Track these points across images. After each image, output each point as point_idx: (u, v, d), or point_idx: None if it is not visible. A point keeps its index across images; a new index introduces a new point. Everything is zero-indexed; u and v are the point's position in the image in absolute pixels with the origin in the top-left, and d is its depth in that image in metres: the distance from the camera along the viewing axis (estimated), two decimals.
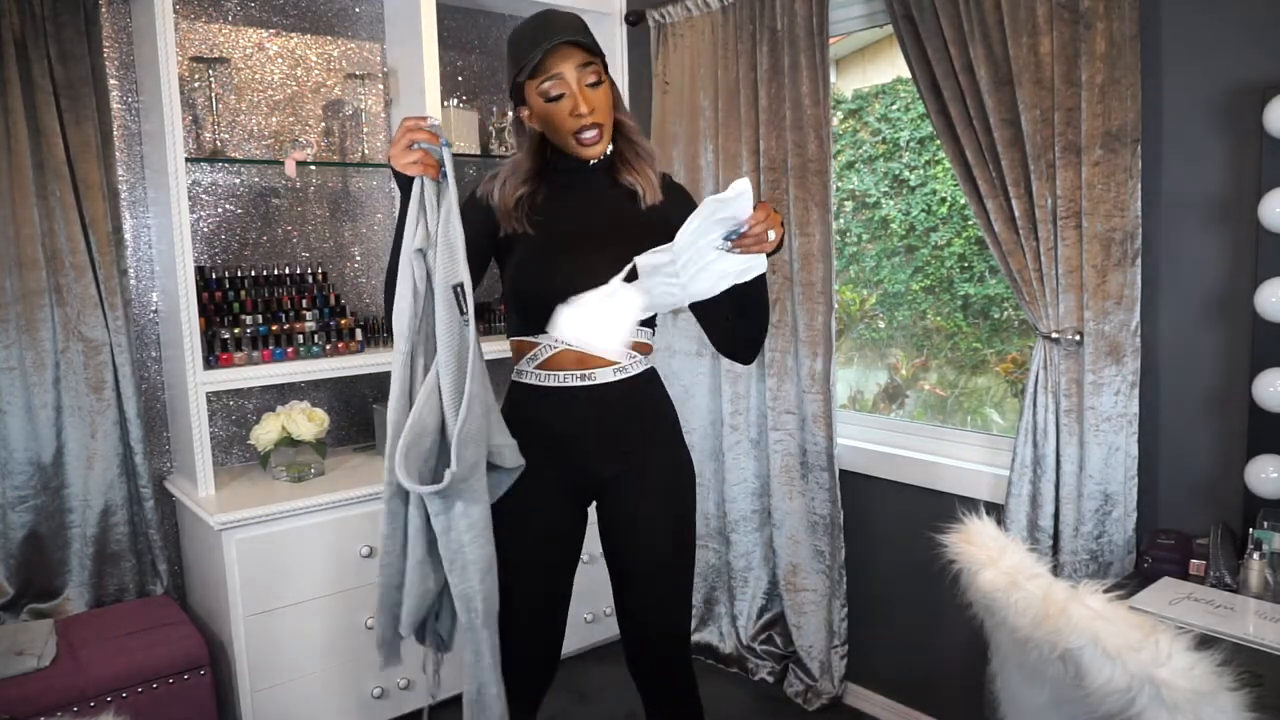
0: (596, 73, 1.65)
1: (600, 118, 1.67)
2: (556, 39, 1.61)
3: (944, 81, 2.13)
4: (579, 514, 1.84)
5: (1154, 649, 1.10)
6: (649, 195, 1.74)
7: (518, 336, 1.77)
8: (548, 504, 1.77)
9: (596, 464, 1.76)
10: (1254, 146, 1.77)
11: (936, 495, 2.41)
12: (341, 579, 2.46)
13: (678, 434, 1.85)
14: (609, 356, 1.67)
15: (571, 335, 1.51)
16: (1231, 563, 1.74)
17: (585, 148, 1.68)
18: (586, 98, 1.64)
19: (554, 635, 1.86)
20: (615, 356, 1.70)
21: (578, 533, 1.85)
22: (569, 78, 1.63)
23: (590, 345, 1.58)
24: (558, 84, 1.63)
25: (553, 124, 1.67)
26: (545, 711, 1.95)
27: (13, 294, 2.34)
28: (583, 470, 1.76)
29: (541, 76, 1.63)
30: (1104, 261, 1.93)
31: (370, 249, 2.98)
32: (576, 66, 1.63)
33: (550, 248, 1.70)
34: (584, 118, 1.64)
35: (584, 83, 1.63)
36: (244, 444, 2.77)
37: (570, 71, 1.62)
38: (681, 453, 1.84)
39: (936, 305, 2.73)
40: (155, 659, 2.20)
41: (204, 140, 2.63)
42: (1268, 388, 1.72)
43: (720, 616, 2.97)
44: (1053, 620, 1.17)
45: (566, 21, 1.65)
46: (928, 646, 2.52)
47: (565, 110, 1.64)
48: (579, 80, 1.63)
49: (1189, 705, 1.06)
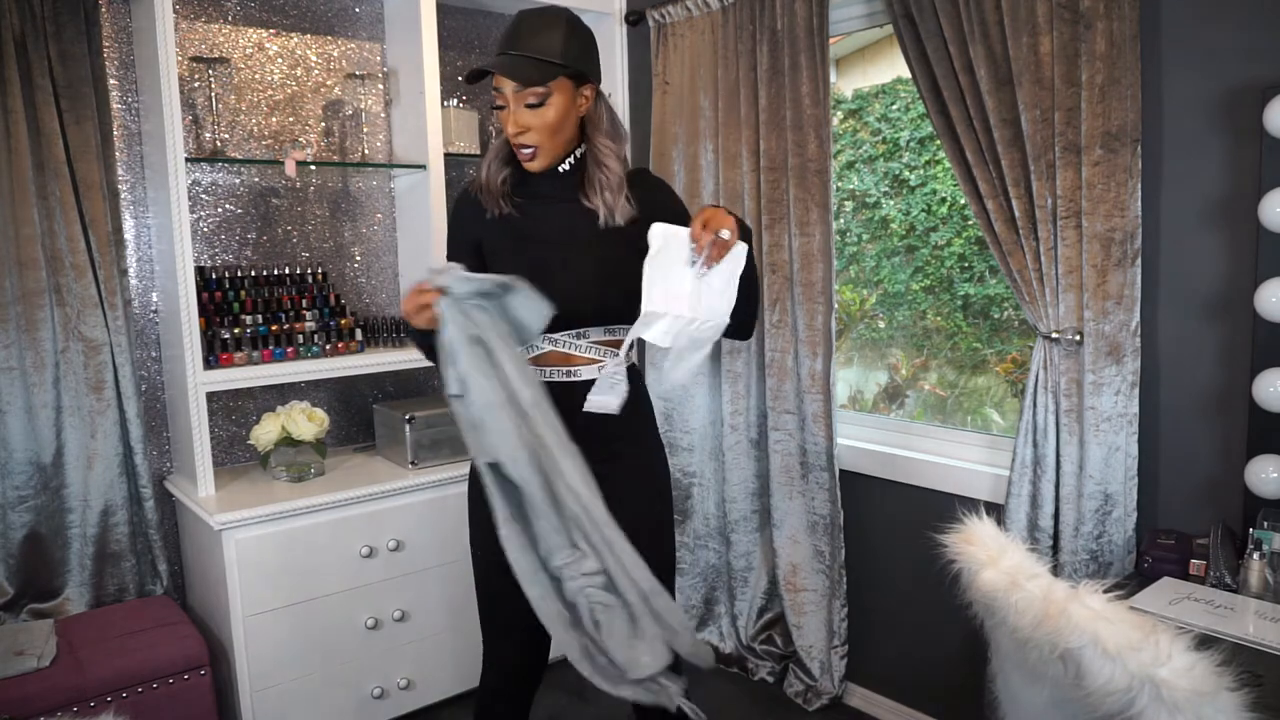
0: (537, 95, 1.65)
1: (533, 139, 1.68)
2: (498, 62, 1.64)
3: (944, 81, 2.13)
4: None
5: (1154, 649, 1.10)
6: (606, 220, 1.74)
7: None
8: None
9: None
10: (1254, 146, 1.77)
11: (936, 495, 2.41)
12: (341, 579, 2.46)
13: (655, 429, 1.89)
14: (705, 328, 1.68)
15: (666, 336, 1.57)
16: (1231, 563, 1.74)
17: (522, 160, 1.72)
18: (518, 119, 1.66)
19: (542, 634, 1.87)
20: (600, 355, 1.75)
21: None
22: (507, 94, 1.66)
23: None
24: (500, 96, 1.68)
25: None
26: (545, 711, 1.95)
27: (13, 294, 2.34)
28: None
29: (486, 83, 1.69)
30: (1104, 261, 1.93)
31: (370, 249, 2.98)
32: (514, 89, 1.65)
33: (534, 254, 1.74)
34: (514, 137, 1.68)
35: (521, 103, 1.66)
36: (244, 444, 2.77)
37: (509, 91, 1.66)
38: (658, 446, 1.89)
39: (936, 305, 2.73)
40: (155, 659, 2.20)
41: (204, 140, 2.63)
42: (1268, 388, 1.72)
43: (720, 616, 2.97)
44: (1053, 620, 1.17)
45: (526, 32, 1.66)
46: (928, 646, 2.52)
47: (505, 120, 1.69)
48: (516, 101, 1.66)
49: (1189, 705, 1.06)
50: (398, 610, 2.55)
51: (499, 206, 1.76)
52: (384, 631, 2.54)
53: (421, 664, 2.62)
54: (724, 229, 1.51)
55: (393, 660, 2.56)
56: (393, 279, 3.03)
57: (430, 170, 2.71)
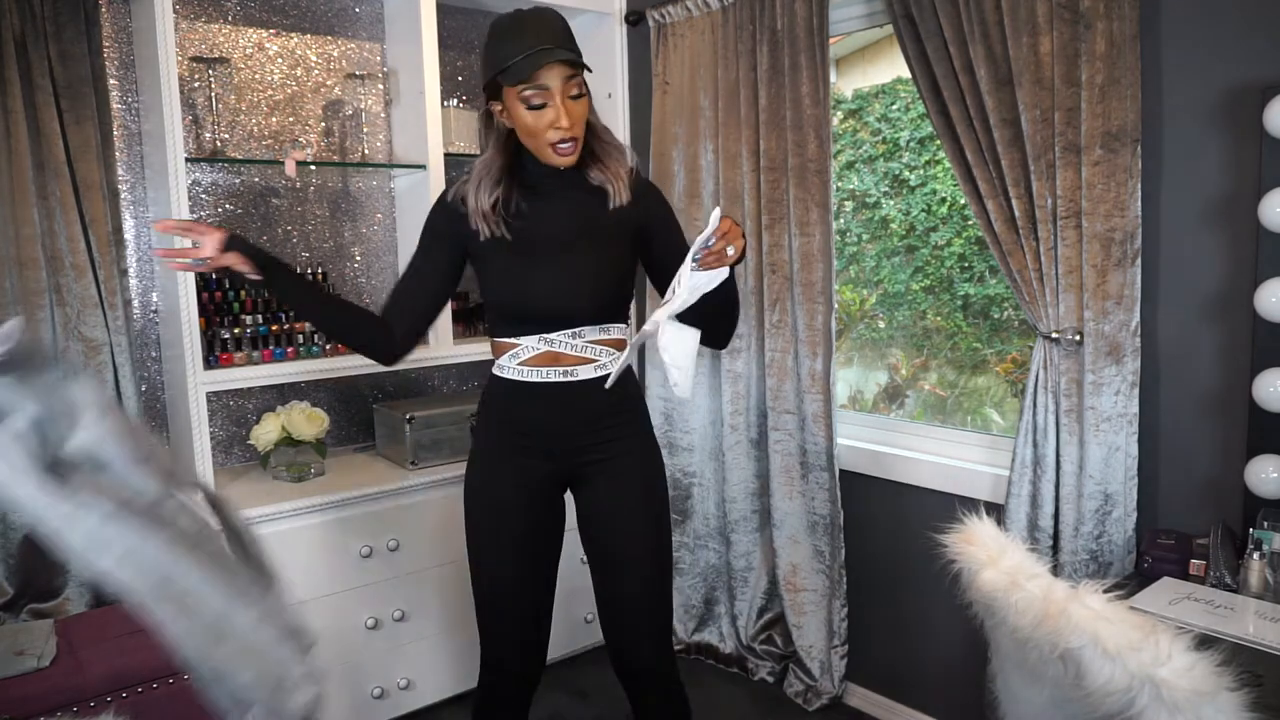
0: (579, 85, 1.65)
1: (578, 130, 1.68)
2: (546, 53, 1.59)
3: (944, 81, 2.13)
4: (559, 505, 1.87)
5: (1154, 649, 1.10)
6: (617, 195, 1.75)
7: (499, 338, 1.81)
8: (528, 496, 1.80)
9: (578, 452, 1.80)
10: (1254, 146, 1.77)
11: (936, 495, 2.41)
12: (341, 579, 2.46)
13: (649, 423, 1.90)
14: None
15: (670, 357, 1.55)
16: (1231, 563, 1.74)
17: (561, 157, 1.69)
18: (569, 111, 1.64)
19: (541, 634, 1.87)
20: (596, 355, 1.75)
21: (559, 524, 1.88)
22: (555, 89, 1.62)
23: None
24: (542, 94, 1.63)
25: (529, 130, 1.67)
26: (545, 711, 1.95)
27: (13, 294, 2.34)
28: (565, 459, 1.80)
29: (527, 84, 1.62)
30: (1104, 261, 1.93)
31: (370, 249, 2.98)
32: (563, 79, 1.62)
33: (527, 256, 1.73)
34: (564, 131, 1.65)
35: (567, 95, 1.64)
36: (244, 444, 2.77)
37: (557, 84, 1.62)
38: (653, 439, 1.90)
39: (936, 305, 2.73)
40: (155, 659, 2.20)
41: (204, 140, 2.63)
42: (1268, 388, 1.72)
43: (720, 616, 2.97)
44: (1053, 620, 1.17)
45: (556, 27, 1.64)
46: (928, 646, 2.52)
47: (546, 121, 1.64)
48: (564, 93, 1.63)
49: (1189, 705, 1.06)
50: (397, 610, 2.55)
51: (493, 230, 1.73)
52: (384, 631, 2.54)
53: (421, 664, 2.62)
54: (733, 247, 1.51)
55: (392, 660, 2.56)
56: (393, 279, 3.03)
57: (430, 170, 2.71)
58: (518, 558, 1.81)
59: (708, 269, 1.55)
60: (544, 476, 1.81)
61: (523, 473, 1.80)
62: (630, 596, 1.82)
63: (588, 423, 1.78)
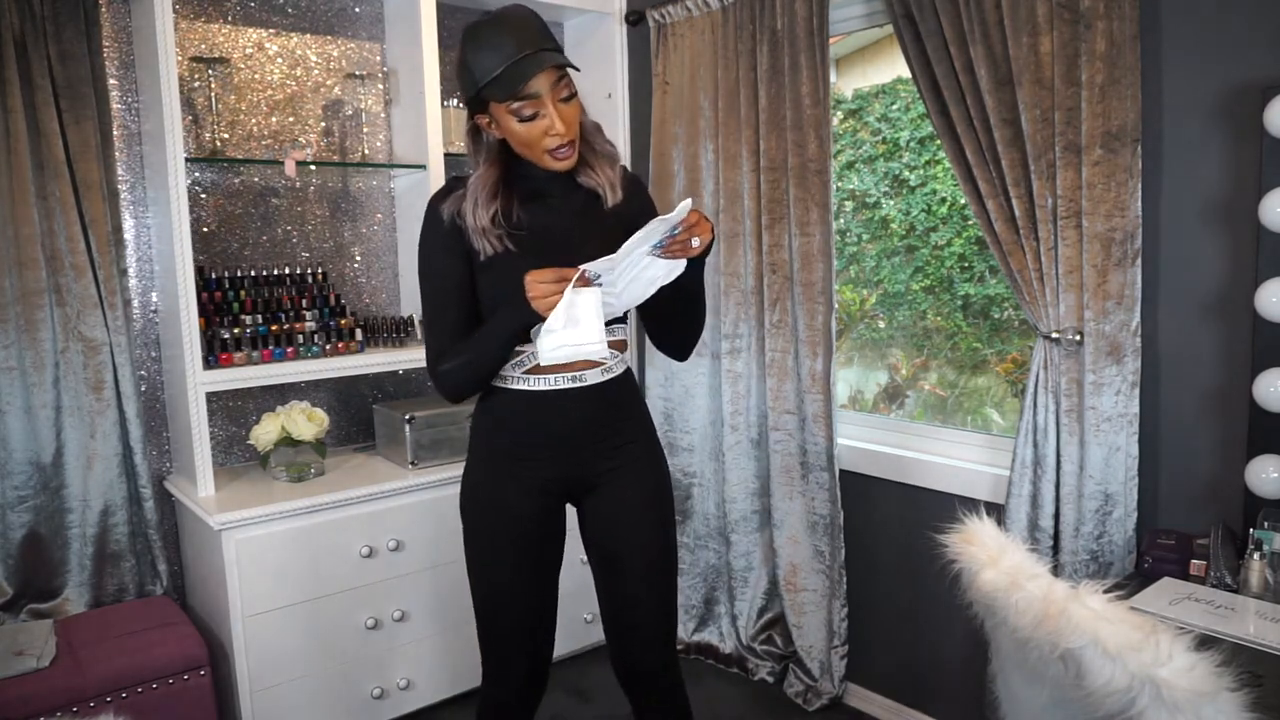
0: (569, 85, 1.60)
1: (574, 133, 1.63)
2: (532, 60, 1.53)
3: (944, 81, 2.13)
4: (561, 514, 1.84)
5: (1154, 649, 1.09)
6: (610, 196, 1.72)
7: None
8: (534, 504, 1.77)
9: (590, 460, 1.77)
10: (1254, 146, 1.77)
11: (936, 495, 2.41)
12: (342, 579, 2.46)
13: (653, 425, 1.89)
14: (595, 357, 1.62)
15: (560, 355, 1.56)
16: (1232, 563, 1.74)
17: (559, 162, 1.64)
18: (563, 115, 1.59)
19: (545, 646, 1.86)
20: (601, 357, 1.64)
21: (561, 533, 1.86)
22: (545, 96, 1.56)
23: (580, 352, 1.58)
24: (533, 104, 1.57)
25: (524, 142, 1.62)
26: (546, 711, 1.94)
27: (12, 294, 2.34)
28: (576, 467, 1.77)
29: (515, 97, 1.56)
30: (1104, 261, 1.93)
31: (370, 249, 2.98)
32: (552, 84, 1.57)
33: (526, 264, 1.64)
34: (560, 137, 1.60)
35: (558, 99, 1.58)
36: (244, 444, 2.77)
37: (546, 90, 1.56)
38: (658, 444, 1.88)
39: (936, 305, 2.73)
40: (155, 659, 2.20)
41: (204, 140, 2.63)
42: (1268, 388, 1.72)
43: (720, 616, 2.97)
44: (1053, 620, 1.17)
45: (534, 27, 1.57)
46: (928, 647, 2.52)
47: (540, 129, 1.59)
48: (554, 98, 1.58)
49: (1189, 705, 1.06)
50: (397, 610, 2.55)
51: (494, 245, 1.67)
52: (384, 631, 2.54)
53: (421, 664, 2.62)
54: (699, 239, 1.50)
55: (392, 660, 2.56)
56: (393, 279, 3.03)
57: (430, 170, 2.71)
58: (523, 570, 1.78)
59: (671, 258, 1.54)
60: (550, 485, 1.78)
61: (528, 483, 1.75)
62: (638, 600, 1.80)
63: (597, 427, 1.75)
